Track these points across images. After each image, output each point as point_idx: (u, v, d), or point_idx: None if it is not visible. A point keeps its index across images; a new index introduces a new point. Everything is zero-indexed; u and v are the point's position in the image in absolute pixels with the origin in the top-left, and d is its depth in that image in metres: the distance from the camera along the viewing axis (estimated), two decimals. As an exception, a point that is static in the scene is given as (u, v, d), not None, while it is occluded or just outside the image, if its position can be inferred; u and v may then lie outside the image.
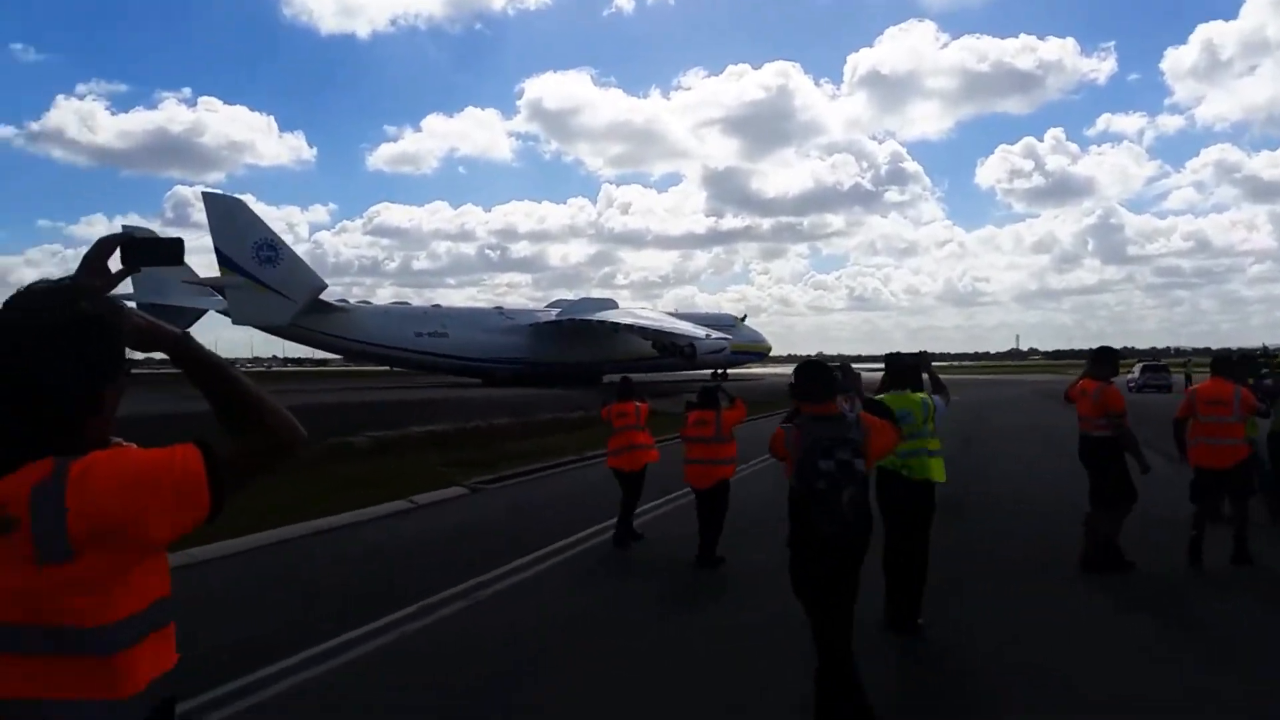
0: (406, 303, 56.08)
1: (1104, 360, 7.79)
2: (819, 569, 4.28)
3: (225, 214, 37.21)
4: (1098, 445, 7.56)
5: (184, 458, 1.56)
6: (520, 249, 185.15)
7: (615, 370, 58.61)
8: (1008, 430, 22.58)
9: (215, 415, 1.69)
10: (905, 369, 6.35)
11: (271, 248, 37.77)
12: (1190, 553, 7.59)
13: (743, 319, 73.53)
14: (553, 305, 62.03)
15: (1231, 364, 8.31)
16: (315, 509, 10.52)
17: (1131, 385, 44.90)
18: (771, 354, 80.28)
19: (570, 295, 66.66)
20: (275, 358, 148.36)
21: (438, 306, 55.75)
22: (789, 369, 5.83)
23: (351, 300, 51.80)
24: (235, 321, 37.81)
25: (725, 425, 8.30)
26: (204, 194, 37.54)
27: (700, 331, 56.28)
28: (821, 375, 4.55)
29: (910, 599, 6.02)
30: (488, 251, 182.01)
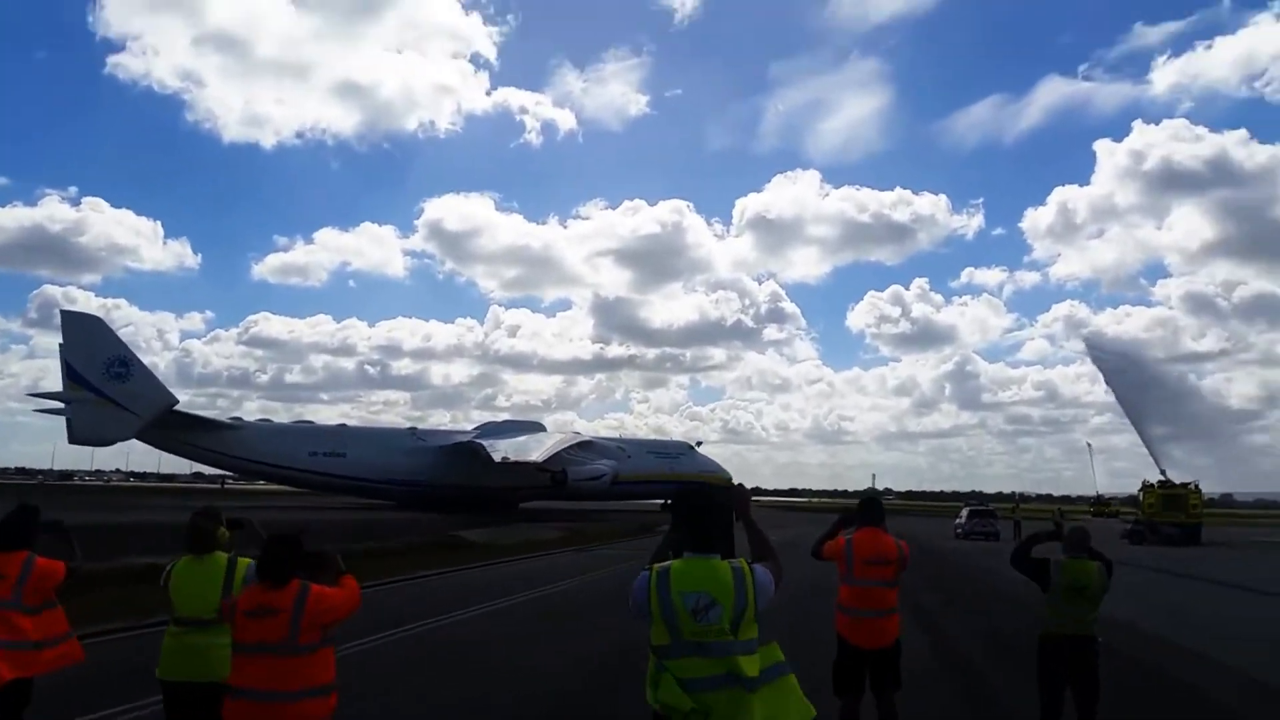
0: (310, 422, 55.76)
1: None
2: None
3: (81, 332, 37.84)
4: None
5: None
6: (402, 366, 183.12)
7: (533, 497, 57.02)
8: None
9: None
10: (704, 512, 3.31)
11: (124, 364, 38.06)
12: None
13: (697, 445, 71.61)
14: (478, 427, 61.17)
15: (882, 508, 6.72)
16: None
17: (958, 531, 41.58)
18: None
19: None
20: (118, 471, 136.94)
21: (343, 425, 55.36)
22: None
23: (247, 418, 51.74)
24: (72, 438, 37.68)
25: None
26: (61, 313, 38.47)
27: (604, 463, 54.70)
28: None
29: None
30: (367, 367, 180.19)
